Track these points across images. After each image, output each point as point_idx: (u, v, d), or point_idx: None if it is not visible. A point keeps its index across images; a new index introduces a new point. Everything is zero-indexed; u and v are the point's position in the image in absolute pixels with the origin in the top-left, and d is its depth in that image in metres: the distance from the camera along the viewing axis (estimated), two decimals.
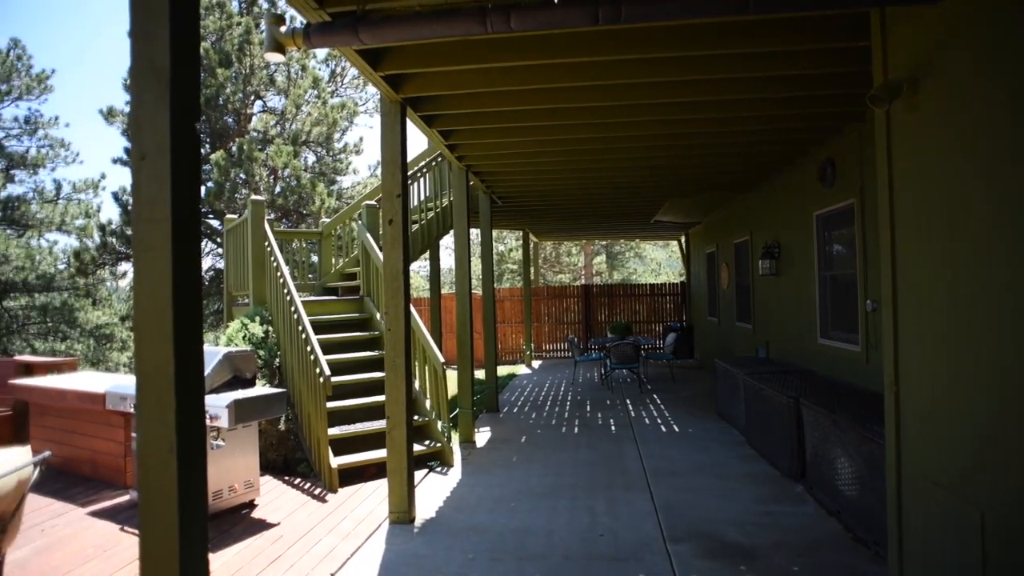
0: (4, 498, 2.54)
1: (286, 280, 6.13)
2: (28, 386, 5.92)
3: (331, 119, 17.94)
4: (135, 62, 1.96)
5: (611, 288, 16.51)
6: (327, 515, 4.52)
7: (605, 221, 12.97)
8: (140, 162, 1.92)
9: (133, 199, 1.97)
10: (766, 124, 5.44)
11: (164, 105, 1.89)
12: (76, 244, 20.50)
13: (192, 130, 1.96)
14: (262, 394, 4.53)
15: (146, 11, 1.94)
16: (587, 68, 4.12)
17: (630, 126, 5.41)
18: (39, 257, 19.95)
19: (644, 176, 7.73)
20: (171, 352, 1.87)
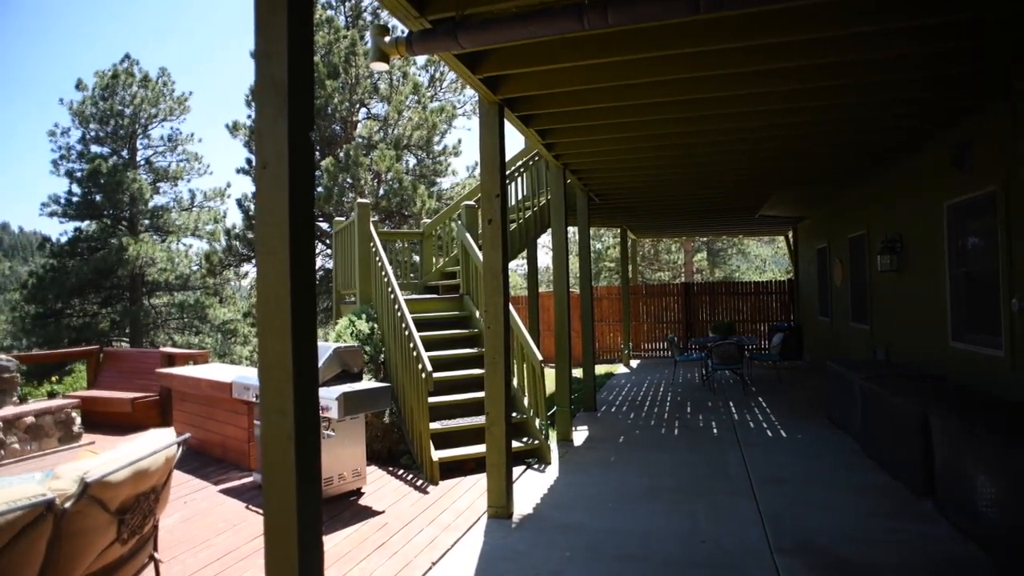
0: (157, 472, 2.84)
1: (390, 279, 6.40)
2: (170, 374, 6.58)
3: (431, 123, 18.55)
4: (258, 79, 2.12)
5: (713, 286, 15.88)
6: (428, 506, 4.68)
7: (706, 217, 12.50)
8: (262, 171, 2.08)
9: (256, 205, 2.14)
10: (884, 110, 5.02)
11: (283, 117, 2.04)
12: (206, 247, 22.54)
13: (307, 139, 2.10)
14: (369, 388, 4.76)
15: (268, 34, 2.10)
16: (686, 59, 3.99)
17: (732, 118, 5.19)
18: (177, 259, 22.13)
19: (748, 169, 7.38)
20: (289, 346, 2.02)
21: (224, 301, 23.16)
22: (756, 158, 6.79)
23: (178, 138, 24.07)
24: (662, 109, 4.95)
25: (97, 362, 8.64)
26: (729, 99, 4.73)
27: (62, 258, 21.05)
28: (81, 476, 2.42)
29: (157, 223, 22.90)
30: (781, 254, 29.41)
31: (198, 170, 24.56)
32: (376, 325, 6.63)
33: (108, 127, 22.46)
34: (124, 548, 2.78)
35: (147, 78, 23.04)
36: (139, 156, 23.31)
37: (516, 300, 14.71)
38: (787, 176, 7.90)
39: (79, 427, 6.99)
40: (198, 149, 24.68)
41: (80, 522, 2.40)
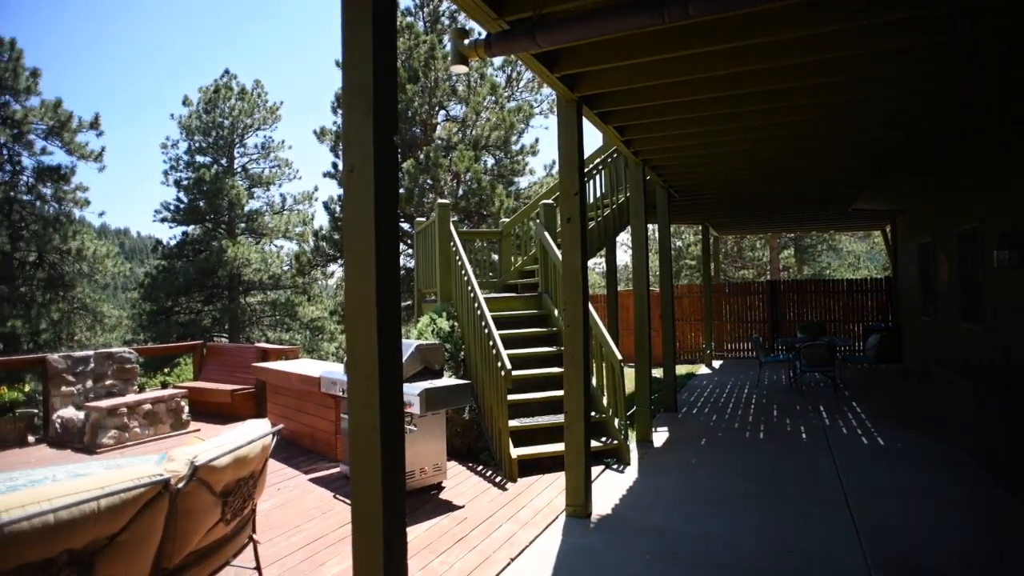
0: (255, 459, 3.04)
1: (469, 278, 6.51)
2: (264, 368, 6.99)
3: (508, 123, 18.70)
4: (345, 86, 2.22)
5: (801, 284, 15.09)
6: (507, 503, 4.73)
7: (794, 211, 11.91)
8: (349, 174, 2.17)
9: (344, 207, 2.24)
10: (997, 95, 4.60)
11: (368, 122, 2.12)
12: (296, 248, 23.78)
13: (391, 143, 2.18)
14: (449, 385, 4.87)
15: (354, 44, 2.19)
16: (770, 48, 3.83)
17: (821, 107, 4.92)
18: (270, 260, 23.47)
19: (840, 159, 6.97)
20: (375, 343, 2.10)
21: (312, 299, 24.36)
22: (846, 149, 6.41)
23: (270, 146, 25.56)
24: (744, 101, 4.76)
25: (201, 356, 9.31)
26: (814, 89, 4.50)
27: (171, 260, 22.83)
28: (191, 460, 2.61)
29: (252, 226, 24.39)
30: (878, 250, 27.56)
31: (288, 175, 25.98)
32: (456, 323, 6.76)
33: (210, 138, 24.14)
34: (227, 528, 2.98)
35: (243, 91, 24.58)
36: (236, 164, 24.90)
37: (595, 298, 14.58)
38: (883, 167, 7.40)
39: (187, 415, 7.56)
40: (288, 155, 26.05)
41: (190, 501, 2.60)
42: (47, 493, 2.06)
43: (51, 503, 2.01)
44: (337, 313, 22.65)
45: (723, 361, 14.09)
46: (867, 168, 7.53)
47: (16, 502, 1.96)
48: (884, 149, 6.58)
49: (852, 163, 7.21)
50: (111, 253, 21.66)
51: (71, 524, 2.05)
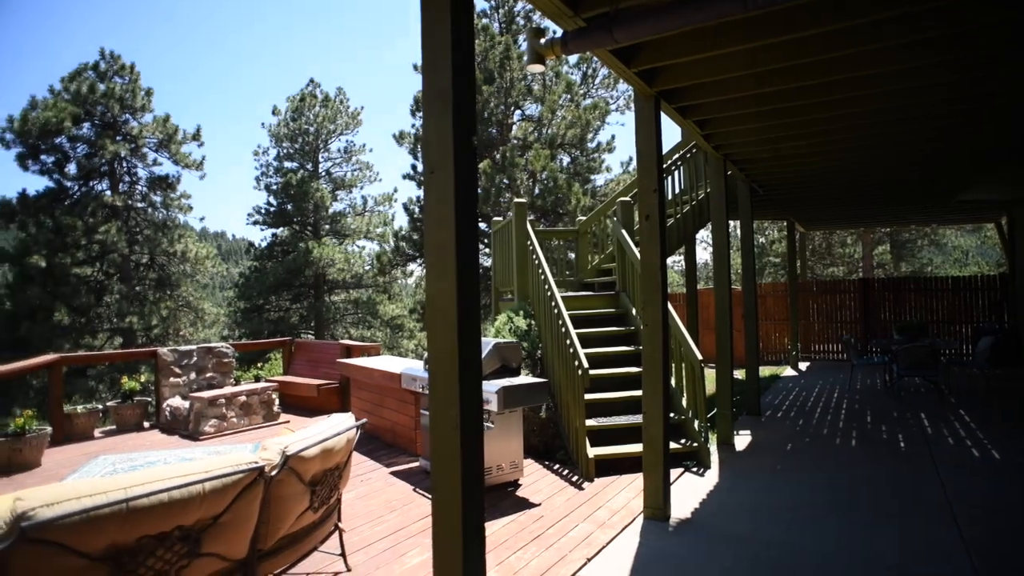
0: (340, 451, 3.18)
1: (546, 276, 6.52)
2: (348, 364, 7.28)
3: (584, 120, 18.57)
4: (425, 90, 2.27)
5: (898, 282, 14.09)
6: (583, 502, 4.70)
7: (891, 204, 11.15)
8: (430, 175, 2.23)
9: (424, 207, 2.30)
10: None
11: (448, 125, 2.17)
12: (377, 248, 24.64)
13: (470, 144, 2.21)
14: (526, 383, 4.90)
15: (433, 48, 2.24)
16: (859, 32, 3.60)
17: (922, 91, 4.58)
18: (352, 260, 24.44)
19: (944, 144, 6.46)
20: (456, 341, 2.14)
21: (392, 298, 25.16)
22: (951, 133, 5.93)
23: (352, 150, 26.61)
24: (839, 87, 4.51)
25: (290, 352, 9.82)
26: (913, 72, 4.19)
27: (263, 260, 24.21)
28: (283, 450, 2.77)
29: (336, 227, 25.47)
30: (990, 244, 25.34)
31: (369, 178, 26.94)
32: (533, 321, 6.79)
33: (296, 144, 25.42)
34: (315, 516, 3.14)
35: (327, 98, 25.72)
36: (321, 168, 26.07)
37: (673, 297, 14.23)
38: (995, 152, 6.80)
39: (278, 407, 7.99)
40: (369, 159, 27.00)
41: (282, 489, 2.76)
42: (161, 474, 2.24)
43: (165, 483, 2.19)
44: (416, 311, 23.29)
45: (810, 363, 13.40)
46: (973, 157, 6.95)
47: (137, 480, 2.16)
48: (983, 143, 6.05)
49: (956, 150, 6.67)
50: (210, 255, 23.29)
51: (182, 503, 2.22)
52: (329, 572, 3.51)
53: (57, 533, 1.93)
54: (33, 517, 1.89)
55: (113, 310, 20.64)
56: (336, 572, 3.51)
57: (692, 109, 5.06)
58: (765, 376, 10.99)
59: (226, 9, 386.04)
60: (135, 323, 20.24)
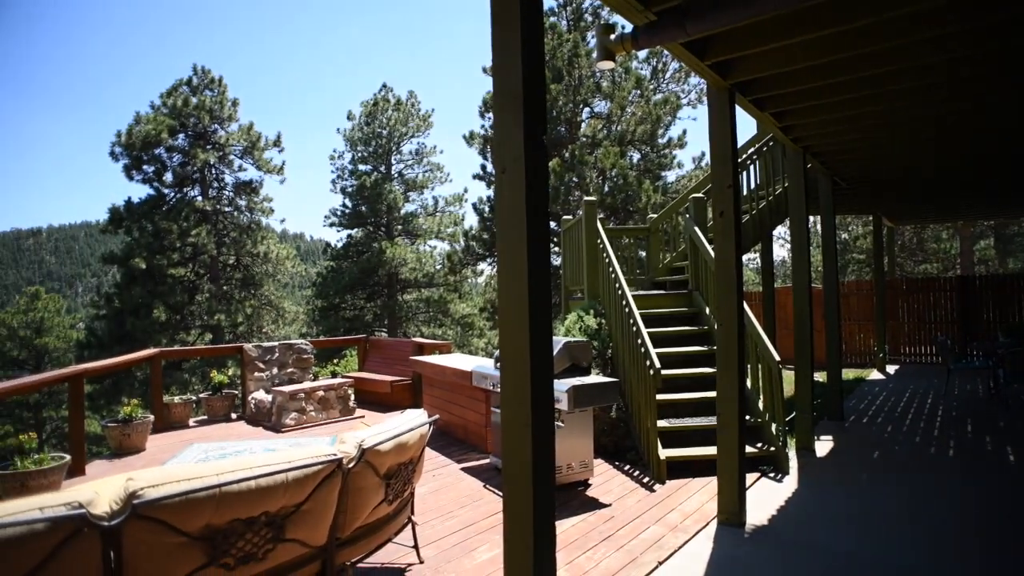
0: (413, 446, 3.27)
1: (617, 275, 6.45)
2: (420, 362, 7.46)
3: (654, 116, 18.23)
4: (496, 90, 2.30)
5: (1003, 279, 12.97)
6: (654, 504, 4.62)
7: (995, 194, 10.31)
8: (501, 175, 2.26)
9: (496, 207, 2.33)
10: None
11: (519, 125, 2.19)
12: (448, 248, 25.08)
13: (541, 144, 2.23)
14: (597, 382, 4.86)
15: (503, 48, 2.27)
16: (959, 7, 3.35)
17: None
18: (424, 260, 25.00)
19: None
20: (527, 340, 2.16)
21: (463, 297, 25.56)
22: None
23: (423, 151, 27.21)
24: (932, 72, 4.22)
25: (364, 349, 10.16)
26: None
27: (339, 260, 25.15)
28: (359, 443, 2.88)
29: (408, 228, 26.13)
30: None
31: (440, 178, 27.46)
32: (603, 320, 6.73)
33: (370, 147, 26.24)
34: (389, 508, 3.24)
35: (399, 102, 26.41)
36: (393, 170, 26.80)
37: (749, 296, 13.74)
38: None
39: (353, 402, 8.29)
40: (439, 160, 27.50)
41: (359, 481, 2.86)
42: (249, 463, 2.38)
43: (253, 471, 2.33)
44: (486, 310, 23.55)
45: (899, 366, 12.59)
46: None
47: (228, 467, 2.30)
48: None
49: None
50: (290, 255, 24.48)
51: (268, 490, 2.35)
52: (402, 563, 3.61)
53: (161, 512, 2.10)
54: (142, 496, 2.06)
55: (204, 308, 22.05)
56: (409, 563, 3.61)
57: (769, 101, 4.87)
58: (848, 379, 10.43)
59: (304, 22, 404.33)
60: (223, 320, 21.54)
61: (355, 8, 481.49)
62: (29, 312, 25.61)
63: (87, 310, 27.66)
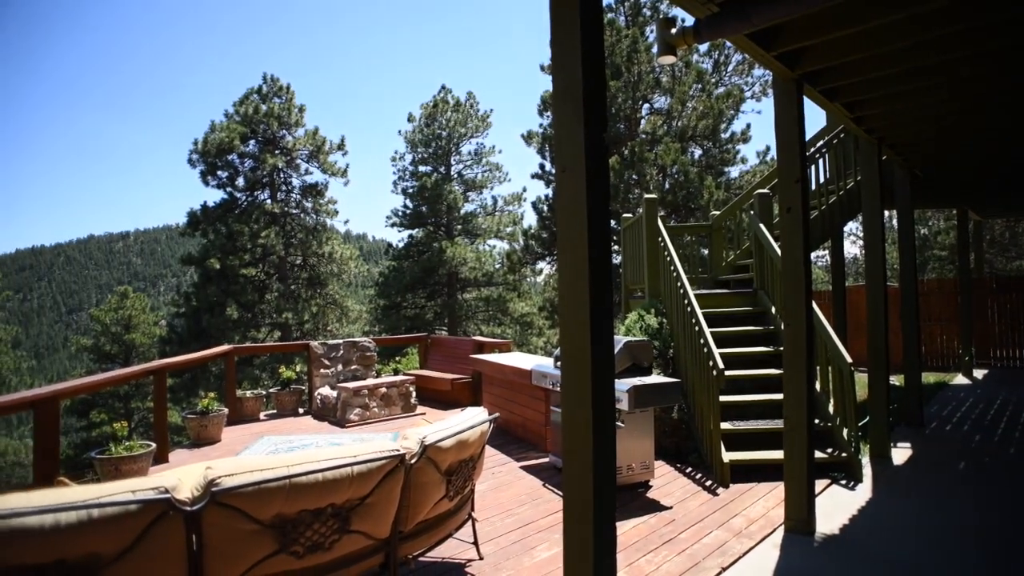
0: (474, 444, 3.31)
1: (679, 273, 6.32)
2: (480, 360, 7.53)
3: (716, 110, 17.74)
4: (555, 87, 2.30)
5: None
6: (718, 508, 4.51)
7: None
8: (561, 174, 2.25)
9: (557, 206, 2.32)
10: None
11: (579, 123, 2.18)
12: (507, 247, 25.21)
13: (602, 142, 2.21)
14: (658, 382, 4.79)
15: (562, 45, 2.26)
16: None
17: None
18: (483, 259, 25.24)
19: None
20: (588, 339, 2.15)
21: (522, 296, 25.65)
22: None
23: (482, 152, 27.44)
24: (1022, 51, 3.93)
25: (425, 347, 10.35)
26: None
27: (400, 260, 25.71)
28: (421, 439, 2.93)
29: (467, 228, 26.43)
30: None
31: (498, 178, 27.62)
32: (665, 320, 6.62)
33: (430, 149, 26.68)
34: (450, 504, 3.29)
35: (459, 103, 26.73)
36: (453, 171, 27.15)
37: (818, 295, 13.17)
38: None
39: (415, 400, 8.45)
40: (498, 159, 27.65)
41: (420, 476, 2.92)
42: (316, 456, 2.47)
43: (320, 464, 2.42)
44: (545, 309, 23.55)
45: (988, 370, 11.78)
46: None
47: (297, 460, 2.40)
48: None
49: None
50: (354, 255, 25.21)
51: (334, 483, 2.43)
52: (462, 558, 3.66)
53: (237, 500, 2.21)
54: (220, 484, 2.18)
55: (273, 306, 23.01)
56: (469, 559, 3.65)
57: (840, 91, 4.66)
58: (929, 383, 9.85)
59: (364, 28, 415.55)
60: (290, 318, 22.41)
61: (413, 11, 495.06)
62: (119, 310, 27.40)
63: (168, 308, 29.39)
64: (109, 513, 1.99)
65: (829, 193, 7.81)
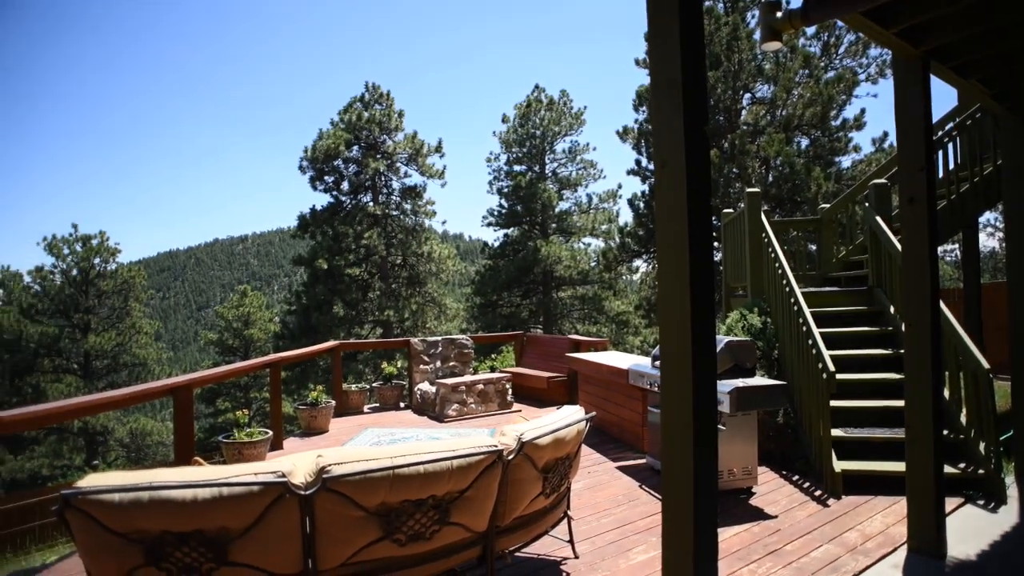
0: (570, 442, 3.31)
1: (784, 271, 6.00)
2: (576, 358, 7.51)
3: (825, 96, 16.60)
4: (654, 81, 2.24)
5: None
6: (828, 521, 4.23)
7: None
8: (661, 169, 2.19)
9: (656, 203, 2.27)
10: None
11: (679, 116, 2.11)
12: (602, 245, 24.95)
13: (702, 135, 2.13)
14: (762, 384, 4.56)
15: (660, 36, 2.20)
16: None
17: None
18: (578, 257, 25.15)
19: None
20: (688, 339, 2.08)
21: (617, 294, 25.31)
22: None
23: (576, 149, 27.27)
24: None
25: (521, 345, 10.44)
26: None
27: (496, 259, 26.12)
28: (519, 436, 2.96)
29: (562, 226, 26.41)
30: None
31: (593, 175, 27.35)
32: (768, 319, 6.30)
33: (524, 148, 26.87)
34: (547, 501, 3.30)
35: (552, 101, 26.73)
36: (547, 169, 27.21)
37: (946, 293, 12.01)
38: None
39: (511, 397, 8.56)
40: (592, 157, 27.38)
41: (517, 472, 2.95)
42: (417, 448, 2.56)
43: (421, 456, 2.50)
44: (642, 307, 23.07)
45: None
46: None
47: (399, 451, 2.50)
48: None
49: None
50: (451, 255, 25.92)
51: (435, 475, 2.51)
52: (558, 556, 3.67)
53: (345, 487, 2.34)
54: (330, 472, 2.32)
55: (375, 304, 24.12)
56: (564, 557, 3.65)
57: (975, 66, 4.21)
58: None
59: (459, 33, 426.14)
60: (391, 316, 23.39)
61: (504, 12, 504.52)
62: (239, 307, 29.82)
63: (281, 306, 31.66)
64: (236, 492, 2.18)
65: (960, 180, 7.10)
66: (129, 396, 4.56)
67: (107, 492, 2.06)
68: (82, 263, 26.77)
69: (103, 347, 25.84)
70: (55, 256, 26.58)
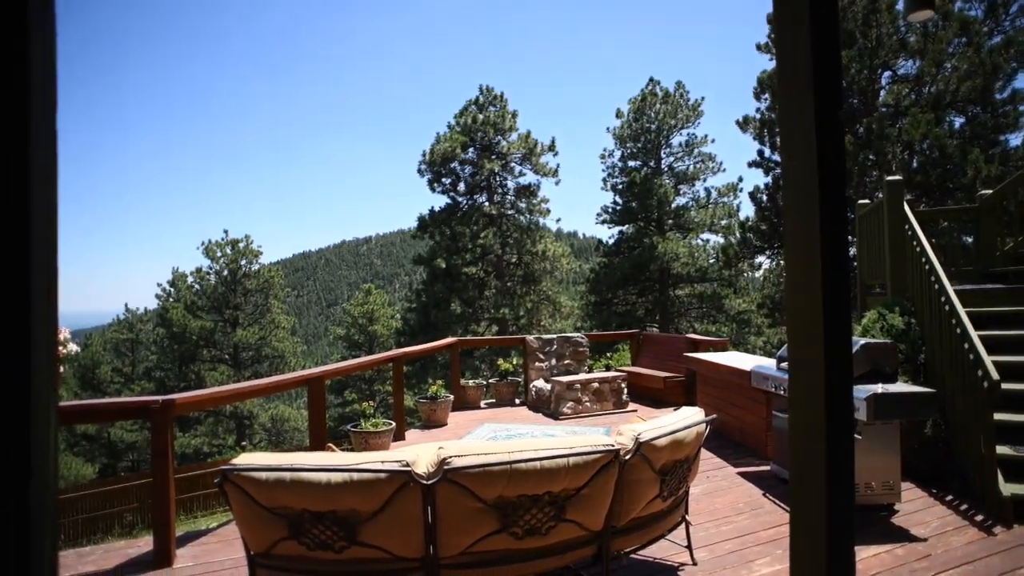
0: (689, 444, 3.21)
1: (932, 266, 5.42)
2: (694, 358, 7.26)
3: (989, 66, 14.71)
4: (780, 66, 2.10)
5: None
6: (995, 551, 3.76)
7: None
8: (788, 161, 2.06)
9: (783, 196, 2.14)
10: None
11: (808, 102, 1.97)
12: (721, 241, 23.86)
13: (836, 122, 1.97)
14: (906, 391, 4.16)
15: (788, 17, 2.06)
16: None
17: None
18: (696, 254, 24.27)
19: None
20: (820, 339, 1.94)
21: (738, 292, 24.13)
22: None
23: (694, 142, 26.24)
24: None
25: (637, 343, 10.25)
26: None
27: (610, 257, 25.82)
28: (636, 436, 2.92)
29: (679, 222, 25.59)
30: None
31: (711, 169, 26.19)
32: (913, 320, 5.72)
33: (639, 143, 26.30)
34: (664, 504, 3.22)
35: (667, 94, 25.93)
36: (663, 164, 26.44)
37: None
38: None
39: (626, 396, 8.44)
40: (711, 149, 26.22)
41: (634, 473, 2.91)
42: (533, 445, 2.60)
43: (538, 453, 2.54)
44: (765, 306, 21.81)
45: None
46: None
47: (516, 447, 2.55)
48: None
49: None
50: (565, 253, 25.97)
51: (551, 472, 2.54)
52: (675, 561, 3.57)
53: (465, 478, 2.43)
54: (450, 463, 2.43)
55: (491, 302, 24.72)
56: (681, 563, 3.54)
57: None
58: None
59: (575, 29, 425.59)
60: (507, 313, 23.85)
61: (619, 5, 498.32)
62: (364, 305, 31.82)
63: (402, 303, 33.34)
64: (365, 478, 2.35)
65: None
66: (272, 385, 5.05)
67: (256, 470, 2.30)
68: (231, 264, 29.89)
69: (248, 340, 28.83)
70: (210, 258, 29.94)
